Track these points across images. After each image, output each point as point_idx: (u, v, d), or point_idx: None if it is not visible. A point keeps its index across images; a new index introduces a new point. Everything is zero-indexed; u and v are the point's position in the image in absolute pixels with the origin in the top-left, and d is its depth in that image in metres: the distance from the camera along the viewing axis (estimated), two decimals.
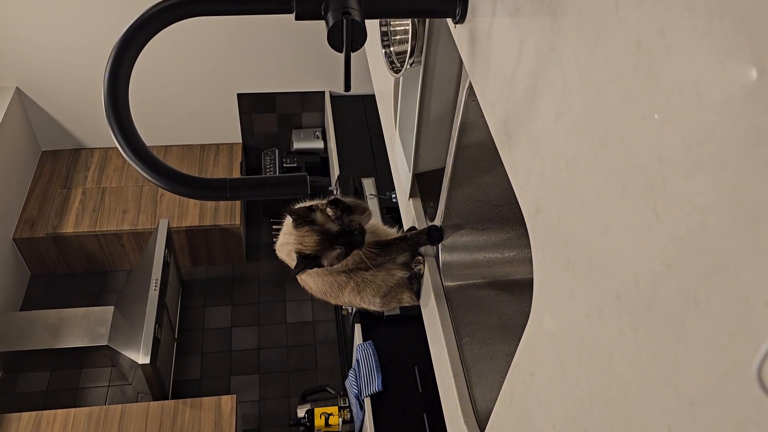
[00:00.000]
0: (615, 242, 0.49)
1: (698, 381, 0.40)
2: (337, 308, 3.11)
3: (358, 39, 0.78)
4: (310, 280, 1.24)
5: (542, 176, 0.62)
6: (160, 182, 0.81)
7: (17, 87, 3.26)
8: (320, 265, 1.07)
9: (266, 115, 3.63)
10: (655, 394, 0.45)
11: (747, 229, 0.35)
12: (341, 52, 0.78)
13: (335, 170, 3.18)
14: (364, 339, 2.42)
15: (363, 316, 2.49)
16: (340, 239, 1.05)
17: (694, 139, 0.39)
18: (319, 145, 3.64)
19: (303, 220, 1.06)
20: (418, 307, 1.27)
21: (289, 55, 3.38)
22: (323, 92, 3.58)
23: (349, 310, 2.58)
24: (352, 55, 0.80)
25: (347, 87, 0.85)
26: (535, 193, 0.64)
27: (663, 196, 0.42)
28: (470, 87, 0.93)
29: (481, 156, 1.03)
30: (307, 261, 1.06)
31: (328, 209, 1.07)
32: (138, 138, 0.78)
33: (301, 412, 2.63)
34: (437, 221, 1.17)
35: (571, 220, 0.56)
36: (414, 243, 1.17)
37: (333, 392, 2.74)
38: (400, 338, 2.43)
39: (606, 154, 0.49)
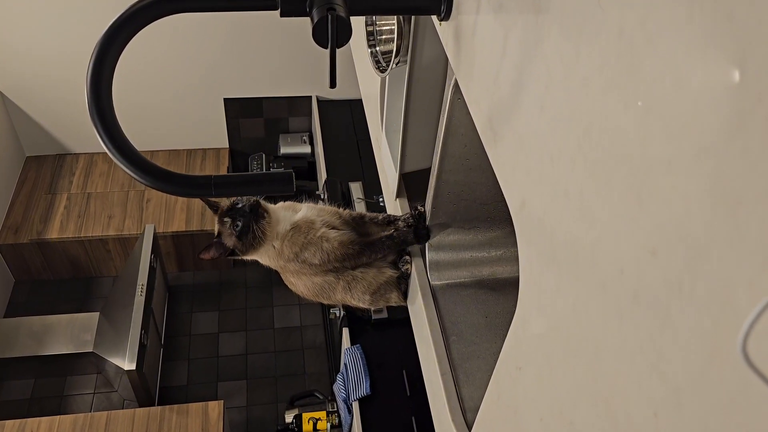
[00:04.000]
0: (599, 232, 0.49)
1: (683, 367, 0.40)
2: (325, 313, 3.10)
3: (343, 35, 0.78)
4: (300, 284, 1.24)
5: (527, 171, 0.62)
6: (144, 179, 0.80)
7: (1, 92, 3.23)
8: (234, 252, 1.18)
9: (253, 119, 3.62)
10: (641, 382, 0.45)
11: (729, 212, 0.35)
12: (326, 48, 0.78)
13: (323, 175, 3.18)
14: (352, 343, 2.41)
15: (351, 320, 2.48)
16: (228, 212, 1.15)
17: (677, 126, 0.39)
18: (306, 149, 3.64)
19: (210, 206, 1.21)
20: (406, 310, 1.27)
21: (276, 60, 3.38)
22: (310, 97, 3.58)
23: (337, 314, 2.57)
24: (339, 54, 0.80)
25: (332, 84, 0.85)
26: (521, 188, 0.64)
27: (647, 184, 0.42)
28: (456, 85, 0.93)
29: (467, 154, 1.03)
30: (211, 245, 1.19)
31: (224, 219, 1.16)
32: (122, 134, 0.78)
33: (289, 418, 2.61)
34: None
35: (556, 212, 0.56)
36: (400, 242, 1.17)
37: (321, 397, 2.73)
38: (387, 342, 2.43)
39: (590, 145, 0.49)
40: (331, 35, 0.77)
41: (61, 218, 3.26)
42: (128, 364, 2.61)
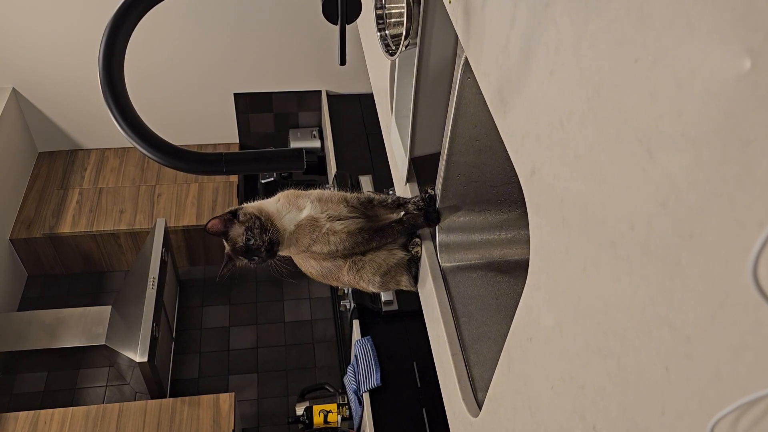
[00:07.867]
0: (610, 190, 0.49)
1: (694, 315, 0.40)
2: (335, 306, 3.10)
3: (353, 11, 0.78)
4: (309, 266, 1.24)
5: (537, 137, 0.62)
6: (156, 156, 0.81)
7: (14, 88, 3.26)
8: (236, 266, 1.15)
9: (263, 114, 3.64)
10: (651, 336, 0.45)
11: (740, 152, 0.35)
12: (336, 24, 0.79)
13: (332, 169, 3.18)
14: (363, 335, 2.42)
15: (361, 311, 2.48)
16: (244, 254, 1.12)
17: (686, 72, 0.39)
18: (316, 144, 3.64)
19: (218, 235, 1.13)
20: (416, 302, 1.26)
21: (286, 55, 3.39)
22: (320, 91, 3.58)
23: (347, 306, 2.58)
24: (350, 50, 0.80)
25: (342, 61, 0.85)
26: (530, 155, 0.64)
27: (656, 135, 0.42)
28: (465, 64, 0.93)
29: (477, 135, 1.03)
30: (228, 262, 1.15)
31: (237, 225, 1.12)
32: (133, 111, 0.78)
33: (300, 410, 2.62)
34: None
35: (566, 176, 0.56)
36: (411, 226, 1.17)
37: (332, 390, 2.73)
38: (398, 334, 2.43)
39: (600, 103, 0.49)
40: (341, 11, 0.77)
41: (73, 213, 3.28)
42: (140, 357, 2.62)
